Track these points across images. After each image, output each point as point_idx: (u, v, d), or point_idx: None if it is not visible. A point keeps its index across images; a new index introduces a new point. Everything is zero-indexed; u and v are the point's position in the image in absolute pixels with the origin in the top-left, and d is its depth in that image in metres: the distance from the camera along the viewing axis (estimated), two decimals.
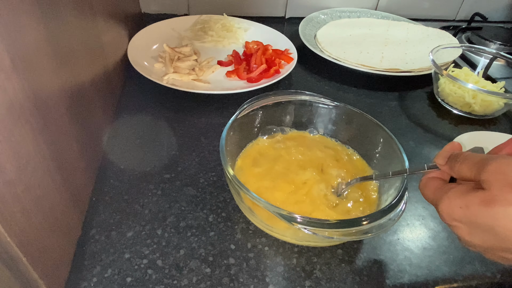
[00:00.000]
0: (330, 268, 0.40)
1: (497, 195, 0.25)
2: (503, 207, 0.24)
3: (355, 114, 0.48)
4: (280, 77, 0.65)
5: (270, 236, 0.42)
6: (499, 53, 0.72)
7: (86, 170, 0.43)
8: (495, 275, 0.41)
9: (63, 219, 0.36)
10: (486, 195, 0.26)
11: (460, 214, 0.27)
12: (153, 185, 0.47)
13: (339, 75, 0.74)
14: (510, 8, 1.07)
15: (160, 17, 0.82)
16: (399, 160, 0.41)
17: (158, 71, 0.66)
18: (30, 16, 0.30)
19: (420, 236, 0.44)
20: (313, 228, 0.33)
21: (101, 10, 0.52)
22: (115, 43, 0.61)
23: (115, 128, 0.55)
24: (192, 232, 0.42)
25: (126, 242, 0.40)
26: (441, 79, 0.66)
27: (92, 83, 0.46)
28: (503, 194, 0.25)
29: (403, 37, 0.85)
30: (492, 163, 0.26)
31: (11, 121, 0.26)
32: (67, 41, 0.39)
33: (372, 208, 0.42)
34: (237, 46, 0.78)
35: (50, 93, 0.34)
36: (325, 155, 0.47)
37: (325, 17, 0.92)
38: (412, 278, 0.39)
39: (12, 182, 0.26)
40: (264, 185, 0.43)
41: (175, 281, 0.37)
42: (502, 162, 0.26)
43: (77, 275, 0.37)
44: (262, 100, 0.48)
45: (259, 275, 0.38)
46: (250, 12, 0.93)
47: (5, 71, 0.26)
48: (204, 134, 0.55)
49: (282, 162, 0.46)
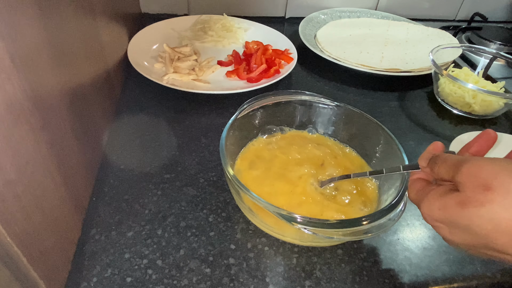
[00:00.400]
0: (330, 268, 0.40)
1: (470, 197, 0.26)
2: (476, 208, 0.26)
3: (355, 114, 0.48)
4: (280, 77, 0.65)
5: (270, 236, 0.42)
6: (499, 53, 0.72)
7: (86, 170, 0.43)
8: (495, 275, 0.41)
9: (63, 219, 0.36)
10: (461, 197, 0.27)
11: (439, 216, 0.28)
12: (153, 185, 0.47)
13: (339, 75, 0.74)
14: (510, 8, 1.07)
15: (160, 17, 0.82)
16: (399, 160, 0.41)
17: (158, 71, 0.66)
18: (30, 16, 0.30)
19: (420, 236, 0.44)
20: (313, 228, 0.33)
21: (101, 10, 0.52)
22: (115, 43, 0.61)
23: (115, 128, 0.55)
24: (192, 232, 0.42)
25: (126, 242, 0.40)
26: (441, 79, 0.66)
27: (92, 83, 0.46)
28: (475, 195, 0.26)
29: (403, 37, 0.85)
30: (464, 165, 0.27)
31: (11, 121, 0.26)
32: (67, 41, 0.39)
33: (372, 208, 0.42)
34: (237, 46, 0.78)
35: (50, 93, 0.34)
36: (323, 154, 0.47)
37: (325, 17, 0.92)
38: (412, 278, 0.39)
39: (12, 182, 0.26)
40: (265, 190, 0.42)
41: (175, 281, 0.37)
42: (473, 164, 0.27)
43: (77, 275, 0.37)
44: (262, 100, 0.48)
45: (259, 275, 0.38)
46: (250, 12, 0.93)
47: (5, 71, 0.26)
48: (204, 134, 0.55)
49: (280, 163, 0.46)
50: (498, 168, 0.26)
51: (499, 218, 0.25)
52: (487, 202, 0.25)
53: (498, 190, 0.25)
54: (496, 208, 0.25)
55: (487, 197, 0.25)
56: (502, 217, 0.25)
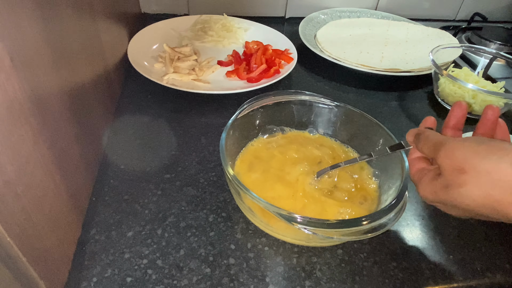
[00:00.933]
0: (330, 268, 0.40)
1: (449, 180, 0.30)
2: (457, 190, 0.29)
3: (355, 114, 0.48)
4: (280, 77, 0.65)
5: (270, 236, 0.42)
6: (499, 53, 0.72)
7: (86, 170, 0.43)
8: (495, 275, 0.41)
9: (63, 219, 0.36)
10: (443, 181, 0.31)
11: (433, 198, 0.33)
12: (153, 185, 0.47)
13: (339, 75, 0.74)
14: (510, 8, 1.07)
15: (160, 17, 0.82)
16: (399, 160, 0.41)
17: (158, 71, 0.66)
18: (30, 16, 0.30)
19: (420, 236, 0.44)
20: (313, 228, 0.33)
21: (101, 10, 0.52)
22: (115, 43, 0.61)
23: (115, 128, 0.55)
24: (192, 232, 0.42)
25: (126, 242, 0.40)
26: (441, 79, 0.66)
27: (92, 83, 0.46)
28: (453, 178, 0.30)
29: (403, 37, 0.85)
30: (441, 148, 0.31)
31: (11, 121, 0.26)
32: (67, 41, 0.39)
33: (372, 207, 0.42)
34: (237, 46, 0.78)
35: (50, 93, 0.34)
36: (322, 154, 0.47)
37: (325, 17, 0.92)
38: (412, 278, 0.39)
39: (12, 182, 0.26)
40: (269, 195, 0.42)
41: (175, 281, 0.37)
42: (449, 147, 0.31)
43: (77, 275, 0.37)
44: (262, 100, 0.48)
45: (259, 275, 0.38)
46: (250, 12, 0.93)
47: (5, 71, 0.26)
48: (204, 134, 0.55)
49: (277, 163, 0.46)
50: (468, 151, 0.29)
51: (476, 195, 0.28)
52: (464, 183, 0.29)
53: (470, 172, 0.29)
54: (471, 187, 0.29)
55: (463, 179, 0.29)
56: (477, 194, 0.28)
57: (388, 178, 0.43)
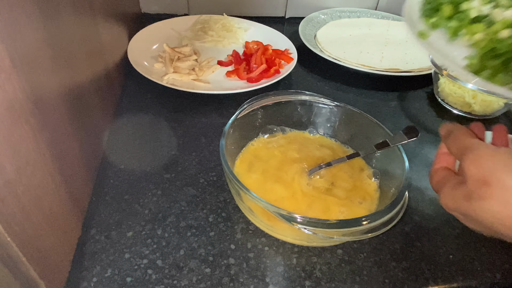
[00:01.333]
0: (330, 268, 0.39)
1: (472, 191, 0.27)
2: (478, 202, 0.27)
3: (355, 114, 0.48)
4: (280, 77, 0.65)
5: (270, 236, 0.42)
6: None
7: (86, 170, 0.43)
8: (495, 275, 0.41)
9: (63, 219, 0.36)
10: (466, 191, 0.28)
11: (453, 207, 0.30)
12: (153, 185, 0.47)
13: (339, 75, 0.74)
14: None
15: (160, 17, 0.82)
16: (399, 160, 0.41)
17: (158, 71, 0.66)
18: (30, 16, 0.30)
19: (420, 236, 0.44)
20: (313, 228, 0.33)
21: (101, 10, 0.52)
22: (115, 43, 0.61)
23: (115, 128, 0.55)
24: (192, 232, 0.42)
25: (126, 242, 0.40)
26: (441, 79, 0.66)
27: (92, 83, 0.46)
28: (476, 189, 0.27)
29: (403, 37, 0.85)
30: (469, 154, 0.29)
31: (11, 121, 0.26)
32: (67, 41, 0.39)
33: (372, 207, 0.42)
34: (237, 46, 0.78)
35: (50, 93, 0.34)
36: (323, 154, 0.47)
37: (325, 17, 0.92)
38: (412, 278, 0.39)
39: (12, 182, 0.26)
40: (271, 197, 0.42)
41: (175, 281, 0.37)
42: (478, 153, 0.28)
43: (77, 275, 0.37)
44: (262, 100, 0.48)
45: (259, 275, 0.38)
46: (250, 12, 0.92)
47: (5, 71, 0.26)
48: (204, 134, 0.55)
49: (276, 163, 0.46)
50: (497, 163, 0.26)
51: (498, 211, 0.26)
52: (487, 197, 0.26)
53: (495, 186, 0.26)
54: (494, 203, 0.26)
55: (486, 193, 0.26)
56: (500, 210, 0.26)
57: (388, 179, 0.43)
